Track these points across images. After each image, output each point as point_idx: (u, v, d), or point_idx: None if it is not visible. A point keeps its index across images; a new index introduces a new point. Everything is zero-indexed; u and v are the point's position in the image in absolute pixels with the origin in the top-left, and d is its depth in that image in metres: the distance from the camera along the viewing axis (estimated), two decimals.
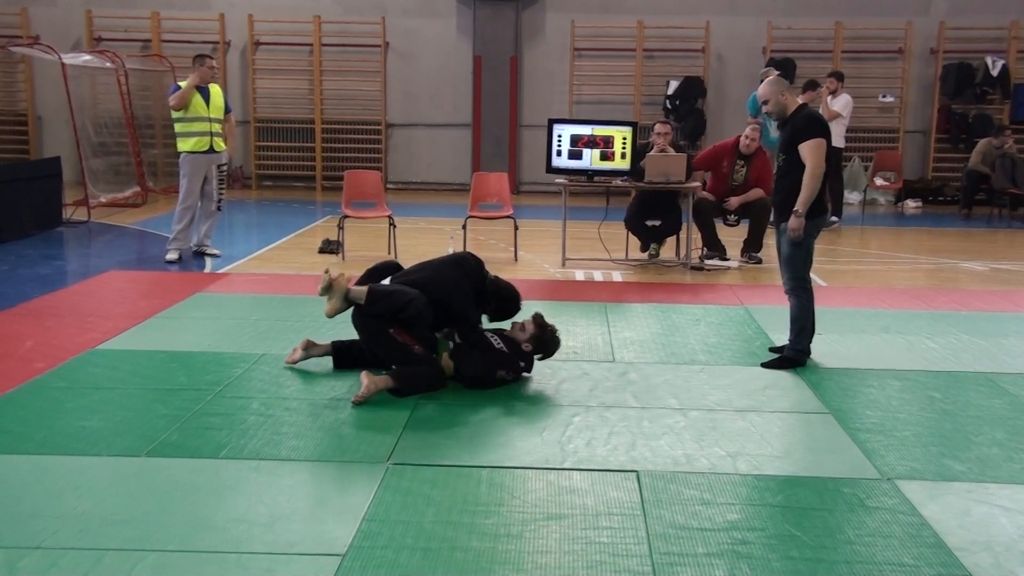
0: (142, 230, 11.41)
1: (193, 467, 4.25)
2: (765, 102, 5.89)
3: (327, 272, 5.31)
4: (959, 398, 5.44)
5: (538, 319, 5.63)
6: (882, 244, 11.68)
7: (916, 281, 9.11)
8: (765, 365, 5.95)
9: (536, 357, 5.63)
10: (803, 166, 5.70)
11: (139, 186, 13.76)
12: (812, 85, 11.99)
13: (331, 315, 5.33)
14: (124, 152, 13.80)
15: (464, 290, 5.52)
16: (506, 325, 5.75)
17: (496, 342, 5.50)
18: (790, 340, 6.02)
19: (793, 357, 5.96)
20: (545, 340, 5.60)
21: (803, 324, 5.96)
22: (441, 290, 5.43)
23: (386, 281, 5.52)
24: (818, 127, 5.75)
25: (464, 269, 5.62)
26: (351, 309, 5.37)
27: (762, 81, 6.13)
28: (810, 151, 5.66)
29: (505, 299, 5.73)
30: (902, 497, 4.06)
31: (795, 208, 5.70)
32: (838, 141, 12.38)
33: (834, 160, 11.37)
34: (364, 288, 5.34)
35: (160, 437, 4.55)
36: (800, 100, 6.08)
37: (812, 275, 6.06)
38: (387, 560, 3.45)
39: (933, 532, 3.75)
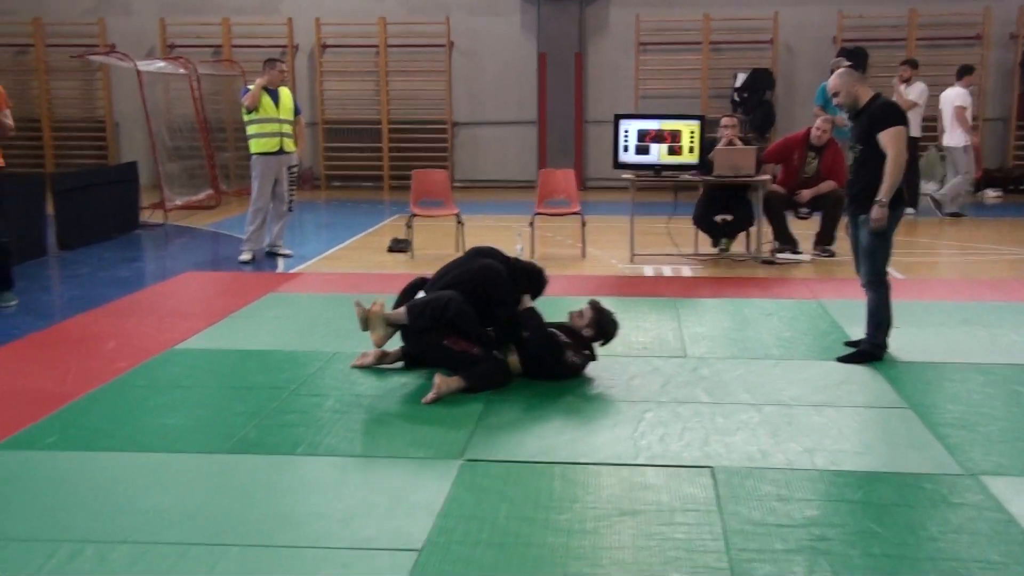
0: (216, 232, 11.66)
1: (271, 463, 4.33)
2: (835, 94, 5.77)
3: (358, 305, 5.37)
4: None
5: (594, 304, 5.68)
6: (961, 235, 11.37)
7: (998, 272, 8.85)
8: (842, 359, 5.84)
9: (598, 343, 5.64)
10: (881, 156, 5.57)
11: (212, 189, 14.07)
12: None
13: (379, 345, 5.42)
14: (198, 156, 14.12)
15: (496, 271, 5.48)
16: (564, 317, 5.71)
17: (559, 335, 5.50)
18: (867, 334, 5.90)
19: (871, 351, 5.84)
20: (603, 323, 5.63)
21: (880, 318, 5.84)
22: (473, 280, 5.42)
23: (420, 295, 5.55)
24: (896, 115, 5.63)
25: (487, 255, 5.64)
26: (399, 332, 5.44)
27: (832, 72, 6.01)
28: (891, 139, 5.53)
29: (532, 273, 5.69)
30: (987, 493, 3.95)
31: (878, 198, 5.56)
32: (915, 131, 12.11)
33: (912, 150, 11.11)
34: (402, 309, 5.39)
35: (239, 434, 4.64)
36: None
37: (889, 268, 5.93)
38: (463, 556, 3.47)
39: (1021, 529, 3.64)
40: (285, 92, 9.51)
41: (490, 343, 5.44)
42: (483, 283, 5.42)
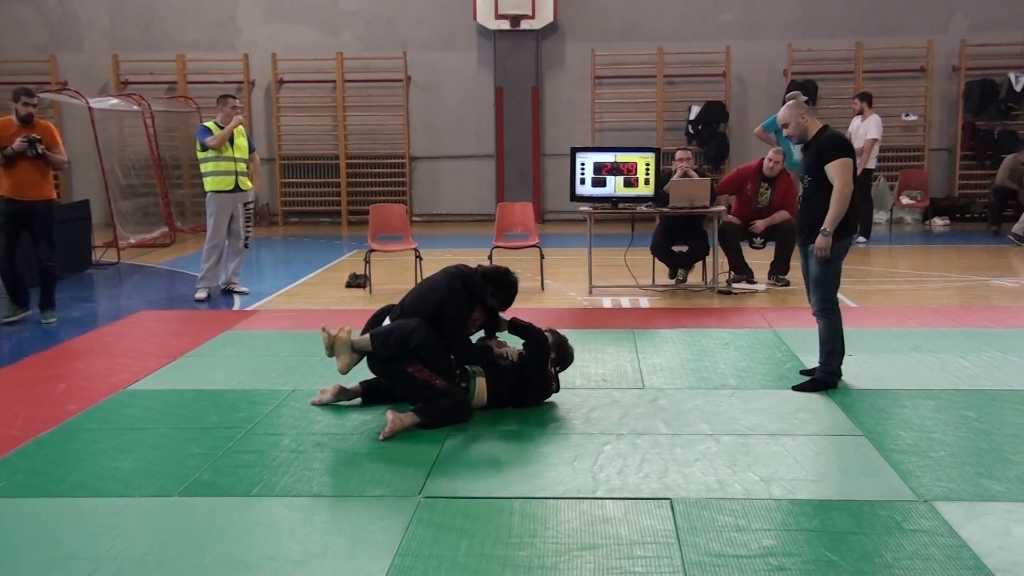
0: (171, 270, 11.54)
1: (226, 506, 4.26)
2: (785, 125, 5.88)
3: (324, 330, 5.36)
4: (994, 417, 5.36)
5: (552, 331, 5.80)
6: (911, 263, 11.57)
7: (946, 299, 9.02)
8: (797, 388, 5.91)
9: (556, 368, 5.74)
10: (829, 187, 5.68)
11: (167, 226, 13.93)
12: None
13: (344, 371, 5.39)
14: (152, 193, 13.99)
15: (450, 285, 5.45)
16: (519, 343, 5.72)
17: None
18: (820, 362, 5.97)
19: (824, 379, 5.91)
20: (563, 346, 5.77)
21: (832, 346, 5.92)
22: (431, 299, 5.43)
23: (386, 321, 5.53)
24: (843, 147, 5.74)
25: (448, 271, 5.59)
26: (365, 359, 5.42)
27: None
28: (837, 170, 5.64)
29: (500, 278, 5.61)
30: (940, 519, 4.00)
31: (823, 227, 5.68)
32: (872, 162, 12.39)
33: (863, 181, 11.29)
34: (367, 336, 5.37)
35: (192, 476, 4.58)
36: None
37: (841, 296, 6.01)
38: None
39: (973, 554, 3.68)
40: (239, 130, 9.47)
41: (454, 376, 5.43)
42: (438, 307, 5.41)
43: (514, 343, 5.74)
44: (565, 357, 5.82)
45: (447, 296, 5.43)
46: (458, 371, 5.50)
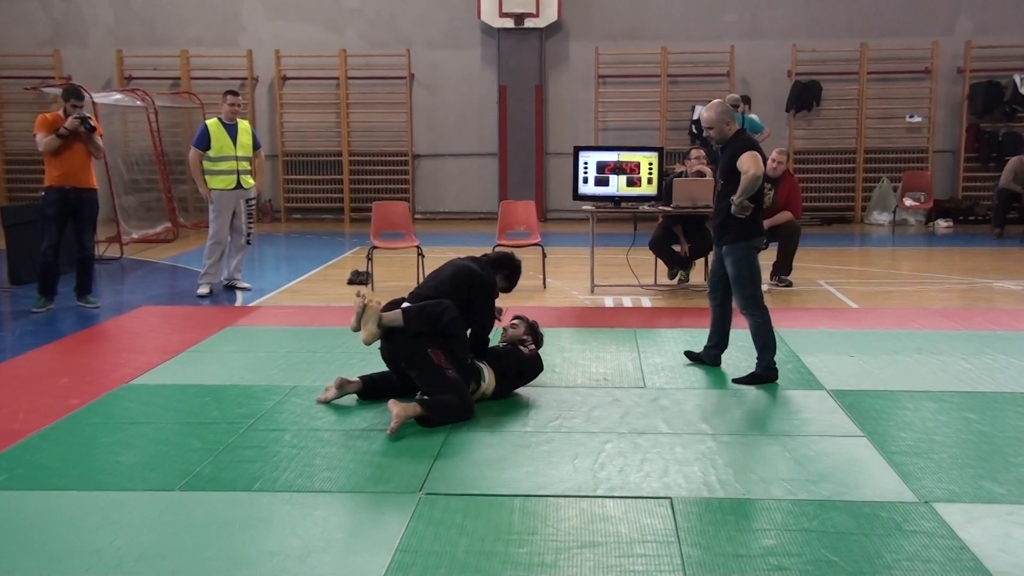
0: (174, 265, 11.55)
1: (227, 500, 4.27)
2: (709, 127, 6.20)
3: (359, 295, 5.36)
4: (996, 419, 5.36)
5: (521, 317, 6.15)
6: (913, 265, 11.57)
7: (949, 301, 9.01)
8: (737, 381, 6.09)
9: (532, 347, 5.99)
10: None
11: (170, 222, 13.94)
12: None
13: (368, 342, 5.38)
14: (155, 189, 14.01)
15: (474, 269, 5.74)
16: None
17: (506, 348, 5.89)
18: (757, 358, 6.13)
19: (763, 374, 6.08)
20: (535, 328, 6.09)
21: (765, 341, 6.11)
22: (455, 285, 5.59)
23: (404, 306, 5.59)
24: (753, 145, 6.14)
25: (459, 262, 5.84)
26: (382, 338, 5.42)
27: (717, 106, 6.28)
28: (748, 157, 5.95)
29: (507, 262, 6.01)
30: (940, 520, 4.00)
31: (733, 197, 5.97)
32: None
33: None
34: (398, 311, 5.38)
35: (194, 471, 4.58)
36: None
37: (843, 297, 6.03)
38: None
39: (973, 556, 3.68)
40: (244, 127, 9.47)
41: (467, 373, 5.46)
42: (463, 283, 5.60)
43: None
44: (537, 337, 6.08)
45: (478, 277, 5.67)
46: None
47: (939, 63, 15.26)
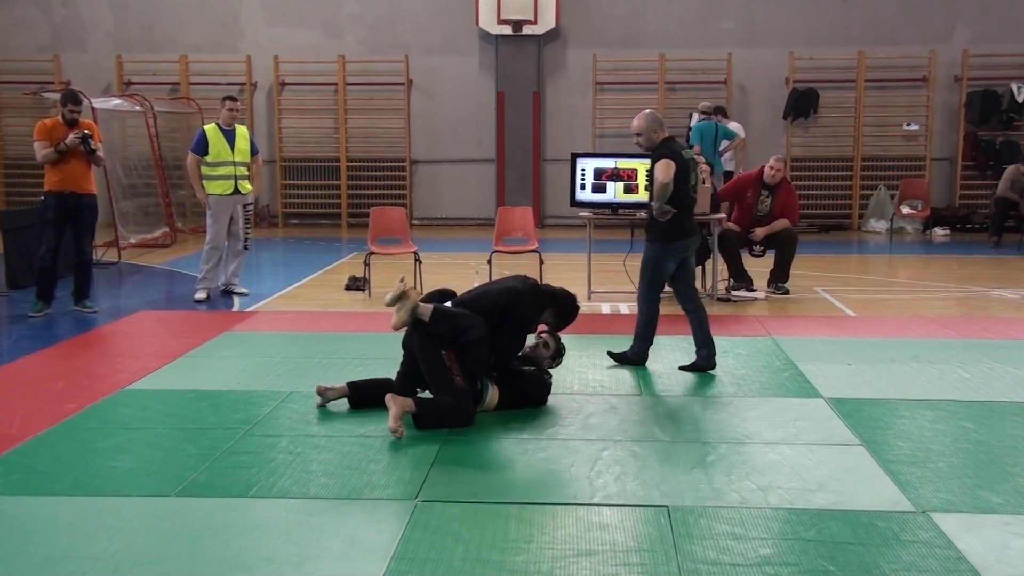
0: (171, 270, 11.54)
1: (223, 506, 4.26)
2: (638, 134, 6.41)
3: (402, 280, 5.34)
4: (993, 428, 5.36)
5: (551, 336, 5.99)
6: (911, 273, 11.58)
7: (946, 310, 9.02)
8: (611, 354, 6.66)
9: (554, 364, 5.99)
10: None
11: (168, 227, 13.93)
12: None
13: (397, 327, 5.36)
14: (153, 194, 14.00)
15: (531, 290, 5.74)
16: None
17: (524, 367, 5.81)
18: (632, 343, 6.65)
19: (631, 358, 6.63)
20: (559, 352, 5.99)
21: (639, 331, 6.63)
22: (502, 299, 5.56)
23: (447, 305, 5.57)
24: (668, 151, 6.32)
25: (522, 277, 5.87)
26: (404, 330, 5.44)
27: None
28: (660, 166, 6.22)
29: (565, 302, 5.98)
30: (938, 530, 3.99)
31: (652, 203, 6.33)
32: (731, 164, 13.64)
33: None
34: (430, 306, 5.37)
35: (190, 477, 4.57)
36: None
37: (841, 305, 6.04)
38: None
39: (971, 566, 3.68)
40: (242, 133, 9.48)
41: (473, 389, 5.44)
42: (502, 307, 5.53)
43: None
44: (559, 359, 6.03)
45: (517, 308, 5.58)
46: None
47: (936, 71, 15.30)
